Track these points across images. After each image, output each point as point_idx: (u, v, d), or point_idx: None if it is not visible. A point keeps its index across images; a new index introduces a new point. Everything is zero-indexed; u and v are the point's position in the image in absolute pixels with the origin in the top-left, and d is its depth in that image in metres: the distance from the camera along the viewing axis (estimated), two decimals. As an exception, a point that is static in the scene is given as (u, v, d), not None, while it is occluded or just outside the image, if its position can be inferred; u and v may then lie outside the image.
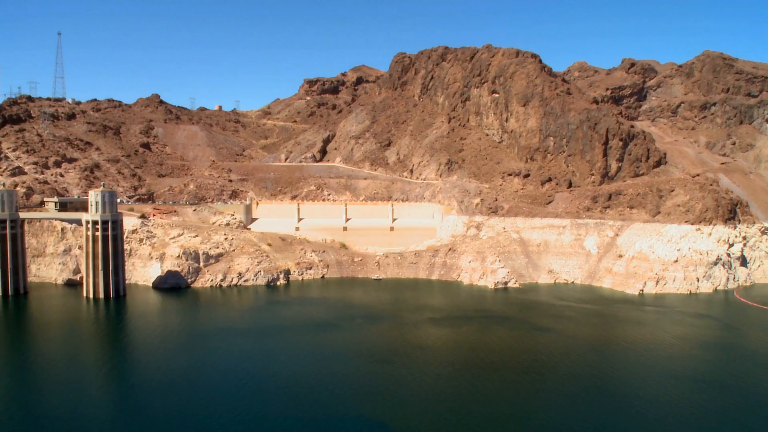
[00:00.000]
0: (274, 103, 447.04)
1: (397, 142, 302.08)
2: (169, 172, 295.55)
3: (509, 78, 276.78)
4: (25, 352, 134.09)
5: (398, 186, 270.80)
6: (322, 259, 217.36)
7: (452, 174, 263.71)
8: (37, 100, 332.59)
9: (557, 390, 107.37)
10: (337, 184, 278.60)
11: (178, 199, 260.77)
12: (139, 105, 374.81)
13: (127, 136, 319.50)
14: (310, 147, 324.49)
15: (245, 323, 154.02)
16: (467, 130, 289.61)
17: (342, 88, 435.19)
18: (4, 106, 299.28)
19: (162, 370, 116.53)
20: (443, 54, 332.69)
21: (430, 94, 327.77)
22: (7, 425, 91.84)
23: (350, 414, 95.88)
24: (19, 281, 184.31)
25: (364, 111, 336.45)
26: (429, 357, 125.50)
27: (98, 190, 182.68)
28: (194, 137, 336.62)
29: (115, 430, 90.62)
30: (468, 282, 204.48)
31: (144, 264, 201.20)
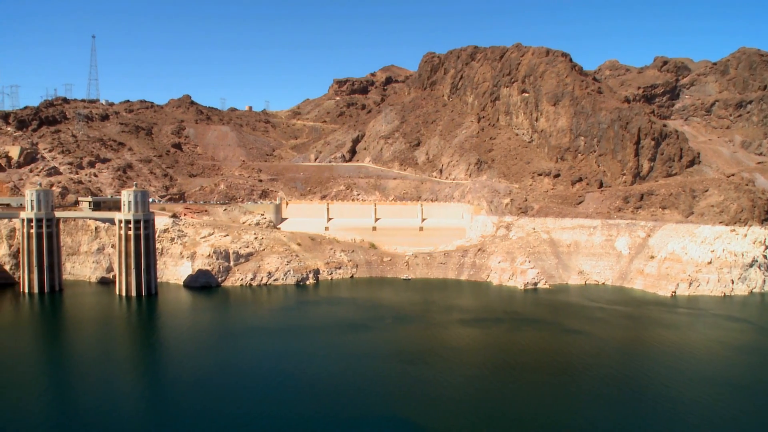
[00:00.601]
0: (303, 104, 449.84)
1: (426, 142, 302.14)
2: (200, 172, 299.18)
3: (539, 77, 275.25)
4: (60, 348, 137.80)
5: (427, 186, 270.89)
6: (352, 258, 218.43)
7: (482, 174, 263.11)
8: (72, 101, 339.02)
9: (588, 392, 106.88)
10: (366, 184, 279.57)
11: (209, 198, 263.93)
12: (170, 106, 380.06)
13: (159, 137, 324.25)
14: (340, 147, 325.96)
15: (275, 323, 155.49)
16: (497, 129, 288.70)
17: (371, 88, 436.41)
18: (40, 108, 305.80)
19: (192, 368, 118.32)
20: (473, 53, 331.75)
21: (460, 94, 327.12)
22: (43, 420, 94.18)
23: (380, 414, 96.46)
24: (55, 278, 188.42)
25: (393, 111, 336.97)
26: (459, 358, 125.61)
27: (131, 190, 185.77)
28: (225, 137, 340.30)
29: (145, 427, 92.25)
30: (497, 282, 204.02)
31: (175, 263, 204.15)
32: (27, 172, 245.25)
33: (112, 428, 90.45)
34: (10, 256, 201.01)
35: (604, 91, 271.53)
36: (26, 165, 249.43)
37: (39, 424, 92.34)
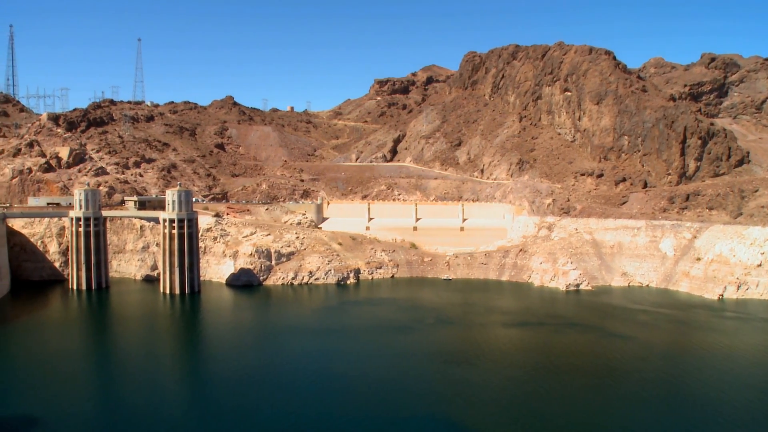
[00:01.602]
0: (344, 104, 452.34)
1: (467, 142, 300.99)
2: (243, 172, 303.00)
3: (582, 76, 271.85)
4: (107, 344, 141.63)
5: (468, 186, 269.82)
6: (392, 258, 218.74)
7: (523, 174, 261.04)
8: (119, 103, 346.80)
9: (631, 396, 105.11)
10: (407, 184, 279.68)
11: (251, 198, 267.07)
12: (213, 107, 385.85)
13: (203, 137, 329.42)
14: (381, 147, 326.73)
15: (316, 322, 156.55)
16: (539, 129, 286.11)
17: (412, 88, 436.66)
18: (89, 110, 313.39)
19: (234, 366, 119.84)
20: (514, 52, 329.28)
21: (501, 93, 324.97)
22: (90, 415, 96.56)
23: (421, 414, 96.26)
24: (102, 276, 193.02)
25: (434, 111, 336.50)
26: (500, 359, 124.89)
27: (175, 190, 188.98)
28: (267, 138, 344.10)
29: (187, 424, 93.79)
30: (539, 283, 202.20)
31: (218, 261, 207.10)
32: (76, 172, 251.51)
33: (156, 424, 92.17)
34: (60, 254, 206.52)
35: (649, 90, 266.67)
36: (75, 165, 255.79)
37: (86, 419, 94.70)
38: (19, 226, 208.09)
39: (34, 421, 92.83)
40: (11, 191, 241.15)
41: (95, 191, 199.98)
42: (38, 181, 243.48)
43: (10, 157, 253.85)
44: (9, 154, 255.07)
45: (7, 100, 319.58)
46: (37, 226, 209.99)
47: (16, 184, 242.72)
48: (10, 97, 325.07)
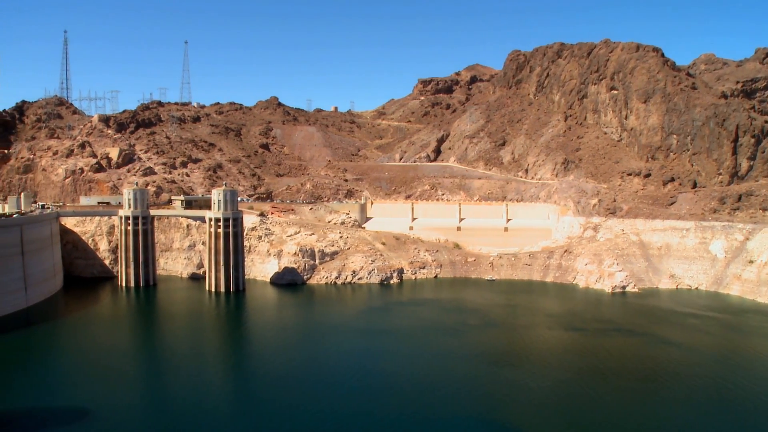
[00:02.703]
0: (388, 104, 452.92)
1: (511, 142, 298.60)
2: (287, 172, 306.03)
3: (629, 73, 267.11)
4: (154, 340, 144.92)
5: (513, 186, 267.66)
6: (436, 258, 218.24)
7: (568, 174, 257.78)
8: (166, 104, 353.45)
9: (679, 401, 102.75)
10: (451, 184, 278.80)
11: (296, 197, 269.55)
12: (258, 107, 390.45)
13: (248, 138, 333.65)
14: (425, 147, 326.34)
15: (359, 321, 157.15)
16: (584, 128, 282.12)
17: (456, 87, 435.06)
18: (137, 111, 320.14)
19: (277, 364, 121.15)
20: (559, 50, 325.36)
21: (546, 92, 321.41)
22: (137, 409, 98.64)
23: (465, 415, 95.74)
24: (149, 273, 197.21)
25: (478, 110, 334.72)
26: (546, 361, 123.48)
27: (220, 189, 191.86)
28: (311, 138, 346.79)
29: (231, 420, 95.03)
30: (584, 285, 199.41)
31: (262, 260, 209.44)
32: (125, 172, 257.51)
33: (201, 419, 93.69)
34: (110, 252, 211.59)
35: (699, 87, 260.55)
36: (124, 165, 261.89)
37: (134, 413, 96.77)
38: (72, 224, 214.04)
39: (85, 413, 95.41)
40: (64, 191, 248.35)
41: (143, 191, 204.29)
42: (89, 180, 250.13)
43: (64, 157, 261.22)
44: (62, 155, 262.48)
45: (61, 103, 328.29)
46: (88, 224, 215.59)
47: (68, 184, 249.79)
48: (64, 100, 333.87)
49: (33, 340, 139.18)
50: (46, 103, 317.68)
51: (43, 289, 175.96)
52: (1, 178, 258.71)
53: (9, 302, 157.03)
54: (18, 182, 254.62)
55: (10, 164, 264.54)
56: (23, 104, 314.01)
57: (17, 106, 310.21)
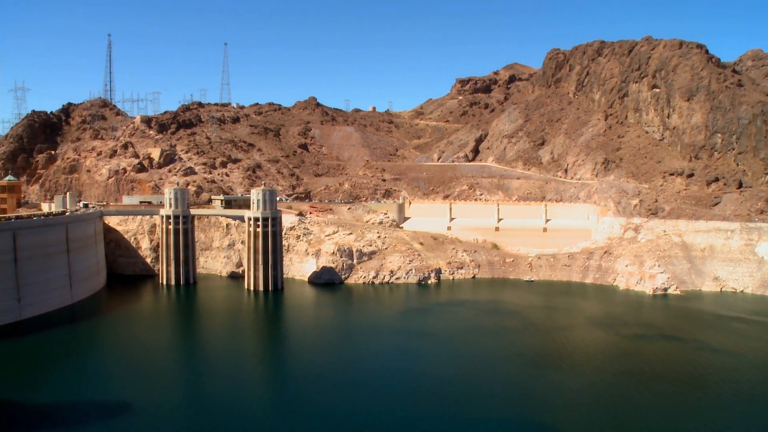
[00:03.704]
0: (426, 104, 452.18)
1: (551, 141, 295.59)
2: (325, 172, 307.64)
3: (671, 71, 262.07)
4: (194, 337, 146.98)
5: (552, 186, 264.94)
6: (474, 259, 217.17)
7: (609, 174, 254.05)
8: (207, 105, 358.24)
9: (723, 408, 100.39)
10: (489, 184, 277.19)
11: (334, 197, 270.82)
12: (297, 107, 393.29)
13: (286, 138, 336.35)
14: (463, 146, 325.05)
15: (397, 321, 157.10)
16: (625, 127, 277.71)
17: (494, 86, 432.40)
18: (178, 113, 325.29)
19: (315, 363, 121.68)
20: (599, 48, 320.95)
21: (586, 91, 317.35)
22: (176, 404, 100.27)
23: (503, 416, 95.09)
24: (190, 272, 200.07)
25: (516, 109, 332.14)
26: (585, 364, 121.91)
27: (260, 189, 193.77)
28: (349, 138, 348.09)
29: (267, 417, 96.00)
30: (624, 287, 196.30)
31: (300, 259, 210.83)
32: (166, 171, 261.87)
33: (238, 416, 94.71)
34: (151, 250, 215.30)
35: (745, 84, 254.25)
36: (165, 165, 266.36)
37: (173, 409, 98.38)
38: (115, 223, 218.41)
39: (125, 407, 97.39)
40: (108, 190, 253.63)
41: (184, 190, 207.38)
42: (132, 180, 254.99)
43: (107, 158, 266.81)
44: (106, 156, 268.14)
45: (105, 105, 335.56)
46: (130, 223, 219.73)
47: (112, 184, 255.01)
48: (108, 102, 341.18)
49: (77, 336, 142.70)
50: (90, 105, 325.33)
51: (88, 286, 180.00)
52: (49, 178, 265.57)
53: (55, 298, 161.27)
54: (64, 182, 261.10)
55: (57, 164, 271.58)
56: (69, 106, 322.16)
57: (63, 108, 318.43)
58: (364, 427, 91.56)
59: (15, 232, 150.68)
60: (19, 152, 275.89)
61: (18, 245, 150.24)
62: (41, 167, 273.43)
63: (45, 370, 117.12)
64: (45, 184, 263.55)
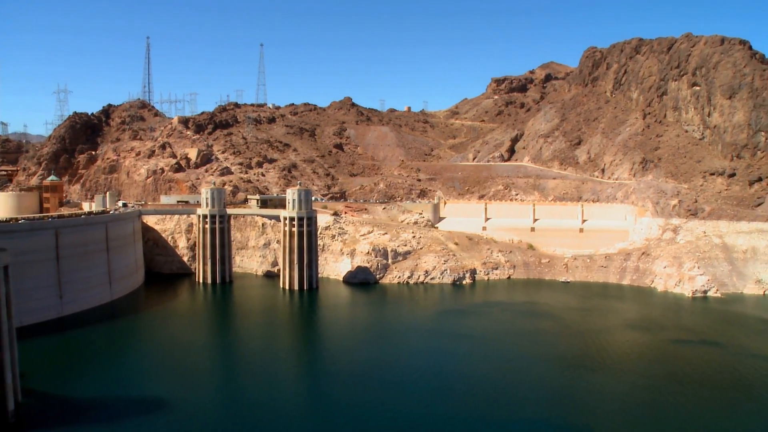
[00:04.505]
0: (461, 103, 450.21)
1: (587, 141, 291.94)
2: (361, 172, 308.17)
3: (712, 68, 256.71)
4: (230, 335, 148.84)
5: (588, 186, 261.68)
6: (509, 259, 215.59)
7: (647, 174, 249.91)
8: (243, 106, 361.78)
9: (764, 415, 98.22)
10: (524, 184, 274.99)
11: (369, 197, 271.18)
12: (332, 108, 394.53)
13: (322, 138, 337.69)
14: (498, 146, 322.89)
15: (431, 322, 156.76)
16: (664, 126, 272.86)
17: (530, 86, 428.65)
18: (215, 113, 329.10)
19: (349, 363, 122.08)
20: (637, 46, 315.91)
21: (623, 90, 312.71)
22: (211, 402, 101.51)
23: (537, 418, 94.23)
24: (226, 270, 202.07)
25: (553, 109, 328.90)
26: (621, 366, 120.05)
27: (295, 189, 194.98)
28: (384, 138, 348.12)
29: (300, 416, 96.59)
30: (662, 289, 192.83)
31: (335, 259, 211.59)
32: (203, 171, 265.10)
33: (272, 415, 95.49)
34: (188, 249, 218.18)
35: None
36: (202, 165, 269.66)
37: (208, 406, 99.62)
38: (153, 222, 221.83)
39: (161, 404, 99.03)
40: (146, 190, 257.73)
41: (221, 190, 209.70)
42: (169, 180, 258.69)
43: (146, 158, 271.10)
44: (144, 156, 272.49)
45: (143, 106, 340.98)
46: (168, 222, 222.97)
47: (150, 183, 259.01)
48: (146, 103, 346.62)
49: (116, 332, 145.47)
50: (129, 106, 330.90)
51: (126, 284, 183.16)
52: (89, 178, 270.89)
53: (95, 296, 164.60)
54: (104, 182, 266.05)
55: (97, 165, 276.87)
56: (109, 107, 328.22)
57: (104, 110, 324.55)
58: (398, 427, 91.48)
59: (57, 231, 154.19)
60: (61, 153, 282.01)
61: (60, 243, 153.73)
62: (82, 167, 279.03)
63: (85, 366, 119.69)
64: (86, 184, 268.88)
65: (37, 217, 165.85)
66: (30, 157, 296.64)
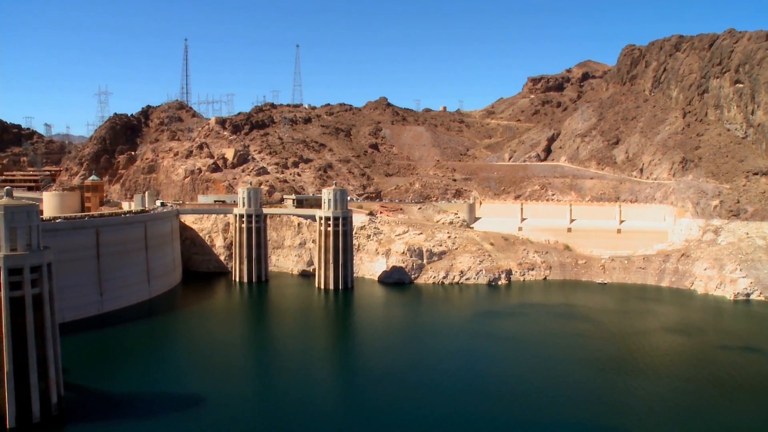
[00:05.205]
0: (497, 103, 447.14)
1: (625, 140, 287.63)
2: (396, 172, 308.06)
3: (756, 65, 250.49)
4: (265, 334, 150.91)
5: (626, 186, 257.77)
6: (545, 260, 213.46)
7: (687, 173, 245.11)
8: (279, 106, 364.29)
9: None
10: (561, 184, 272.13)
11: (404, 197, 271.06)
12: (367, 108, 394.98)
13: (357, 138, 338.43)
14: (534, 146, 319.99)
15: (466, 322, 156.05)
16: (705, 125, 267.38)
17: (567, 84, 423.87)
18: (251, 114, 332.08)
19: (383, 363, 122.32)
20: (677, 43, 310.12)
21: (663, 88, 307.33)
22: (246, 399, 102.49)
23: (573, 420, 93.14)
24: (262, 270, 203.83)
25: (590, 108, 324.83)
26: (659, 370, 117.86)
27: (331, 189, 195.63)
28: (420, 138, 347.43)
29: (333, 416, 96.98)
30: (702, 291, 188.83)
31: (371, 259, 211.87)
32: (240, 171, 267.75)
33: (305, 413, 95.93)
34: (225, 248, 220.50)
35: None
36: (239, 165, 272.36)
37: (243, 403, 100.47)
38: (190, 221, 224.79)
39: (197, 399, 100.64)
40: (183, 189, 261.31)
41: (257, 190, 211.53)
42: (207, 180, 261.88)
43: (183, 158, 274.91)
44: (182, 156, 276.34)
45: (181, 107, 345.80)
46: (205, 221, 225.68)
47: (188, 183, 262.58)
48: (184, 104, 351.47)
49: (154, 329, 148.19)
50: (168, 107, 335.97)
51: (164, 282, 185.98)
52: (129, 177, 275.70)
53: (134, 293, 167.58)
54: (143, 181, 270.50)
55: (137, 165, 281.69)
56: (148, 109, 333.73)
57: (143, 111, 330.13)
58: (432, 428, 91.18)
59: (98, 230, 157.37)
60: (102, 153, 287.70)
61: (100, 242, 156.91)
62: (122, 167, 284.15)
63: (124, 361, 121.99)
64: (125, 184, 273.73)
65: (78, 216, 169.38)
66: (72, 158, 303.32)
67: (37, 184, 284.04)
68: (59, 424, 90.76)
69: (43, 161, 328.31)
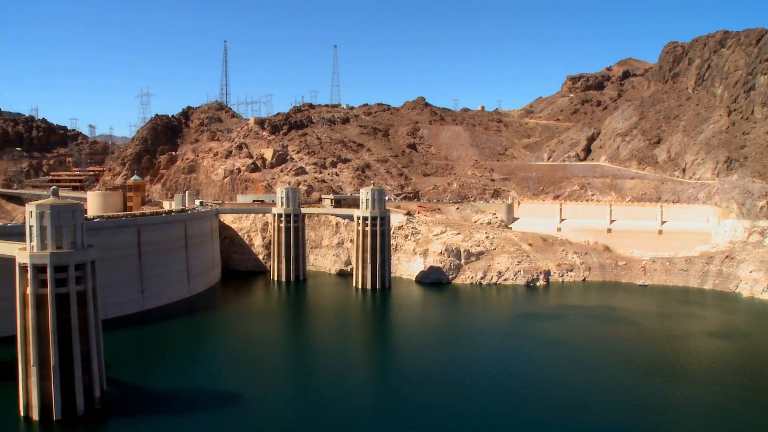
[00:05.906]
0: (536, 102, 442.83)
1: (667, 139, 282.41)
2: (434, 172, 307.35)
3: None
4: (303, 333, 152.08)
5: (668, 186, 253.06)
6: (584, 261, 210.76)
7: (732, 173, 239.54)
8: (317, 107, 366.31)
9: None
10: (601, 184, 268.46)
11: (442, 197, 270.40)
12: (405, 108, 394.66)
13: (395, 138, 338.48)
14: (574, 146, 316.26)
15: (503, 324, 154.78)
16: (751, 123, 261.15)
17: (607, 83, 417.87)
18: (290, 114, 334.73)
19: (419, 363, 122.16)
20: (722, 39, 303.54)
21: (706, 85, 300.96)
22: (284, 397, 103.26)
23: (612, 423, 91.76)
24: (300, 269, 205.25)
25: (631, 107, 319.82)
26: (701, 374, 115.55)
27: (369, 189, 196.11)
28: (458, 137, 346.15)
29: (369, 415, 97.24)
30: (748, 294, 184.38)
31: (408, 259, 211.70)
32: (278, 171, 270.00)
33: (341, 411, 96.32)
34: (263, 247, 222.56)
35: None
36: (278, 165, 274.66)
37: (281, 401, 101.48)
38: (229, 220, 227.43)
39: (235, 396, 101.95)
40: (223, 189, 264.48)
41: (295, 189, 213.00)
42: (246, 180, 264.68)
43: (223, 158, 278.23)
44: (222, 156, 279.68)
45: (221, 108, 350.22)
46: (244, 221, 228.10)
47: (227, 183, 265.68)
48: (224, 105, 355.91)
49: (194, 327, 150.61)
50: (207, 108, 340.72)
51: (204, 280, 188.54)
52: (169, 177, 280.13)
53: (174, 291, 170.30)
54: (183, 181, 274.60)
55: (177, 165, 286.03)
56: (188, 110, 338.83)
57: (183, 112, 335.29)
58: (468, 428, 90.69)
59: (139, 228, 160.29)
60: (143, 153, 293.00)
61: (141, 240, 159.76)
62: (163, 167, 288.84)
63: (164, 358, 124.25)
64: (166, 183, 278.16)
65: (121, 216, 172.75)
66: (115, 158, 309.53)
67: (81, 183, 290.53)
68: (103, 418, 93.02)
69: (88, 161, 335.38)
